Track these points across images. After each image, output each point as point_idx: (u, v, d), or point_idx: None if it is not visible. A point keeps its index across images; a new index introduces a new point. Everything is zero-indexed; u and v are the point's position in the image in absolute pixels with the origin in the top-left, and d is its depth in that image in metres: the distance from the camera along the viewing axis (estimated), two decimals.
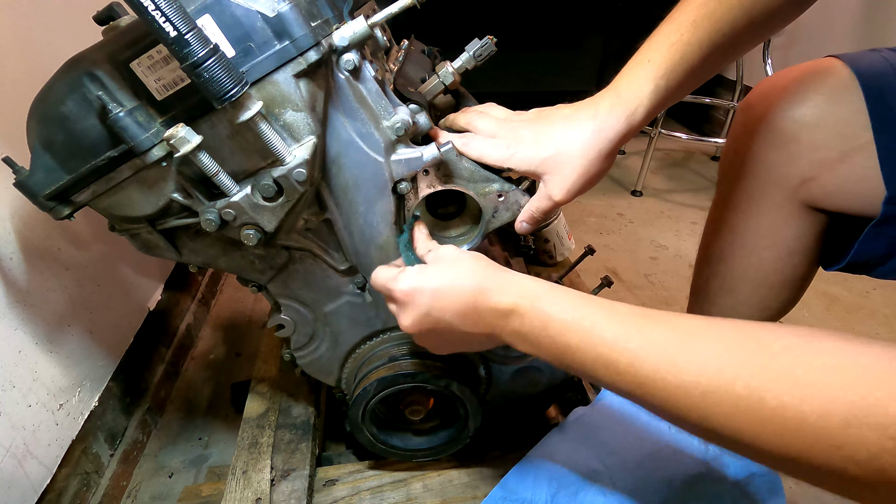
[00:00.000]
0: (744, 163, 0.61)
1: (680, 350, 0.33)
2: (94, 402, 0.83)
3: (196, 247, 0.56)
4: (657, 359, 0.33)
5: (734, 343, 0.31)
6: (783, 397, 0.28)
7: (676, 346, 0.33)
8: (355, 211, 0.55)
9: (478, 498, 0.67)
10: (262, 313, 1.27)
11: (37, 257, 0.74)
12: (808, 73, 0.57)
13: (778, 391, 0.28)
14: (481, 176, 0.55)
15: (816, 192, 0.57)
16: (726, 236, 0.66)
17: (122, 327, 0.94)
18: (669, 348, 0.33)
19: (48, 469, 0.72)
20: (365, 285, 0.60)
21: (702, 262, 0.71)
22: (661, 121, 1.74)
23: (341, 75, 0.48)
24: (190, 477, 0.89)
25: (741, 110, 0.62)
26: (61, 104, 0.44)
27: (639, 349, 0.34)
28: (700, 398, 0.31)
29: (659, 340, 0.34)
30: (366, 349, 0.65)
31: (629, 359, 0.34)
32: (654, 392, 0.33)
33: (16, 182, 0.48)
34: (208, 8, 0.41)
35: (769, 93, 0.59)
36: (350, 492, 0.68)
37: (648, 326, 0.35)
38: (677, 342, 0.33)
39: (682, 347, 0.33)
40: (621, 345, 0.35)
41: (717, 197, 0.68)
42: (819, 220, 0.59)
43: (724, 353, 0.31)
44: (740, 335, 0.32)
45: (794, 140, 0.56)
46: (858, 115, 0.53)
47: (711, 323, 0.34)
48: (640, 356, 0.34)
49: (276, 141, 0.45)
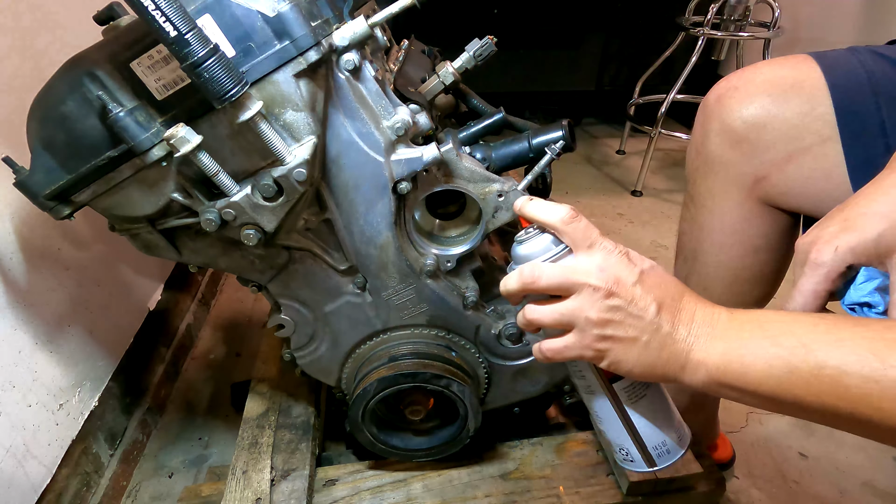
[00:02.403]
0: (705, 162, 0.62)
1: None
2: (94, 402, 0.83)
3: (196, 247, 0.56)
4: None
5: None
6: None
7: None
8: (355, 211, 0.54)
9: (478, 498, 0.67)
10: (262, 313, 1.27)
11: (37, 257, 0.74)
12: (760, 72, 0.57)
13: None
14: (481, 176, 0.55)
15: (771, 192, 0.58)
16: (697, 234, 0.67)
17: (122, 327, 0.94)
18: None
19: (48, 469, 0.72)
20: (365, 285, 0.60)
21: (679, 260, 0.73)
22: (661, 121, 1.74)
23: (341, 75, 0.48)
24: (190, 477, 0.89)
25: (700, 110, 0.63)
26: (61, 104, 0.44)
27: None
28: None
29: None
30: (366, 349, 0.65)
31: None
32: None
33: (16, 182, 0.48)
34: (208, 8, 0.41)
35: (723, 93, 0.59)
36: (350, 492, 0.68)
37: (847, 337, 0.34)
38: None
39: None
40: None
41: (686, 196, 0.69)
42: (782, 218, 0.60)
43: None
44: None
45: (745, 140, 0.57)
46: (804, 118, 0.54)
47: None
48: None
49: (276, 141, 0.45)
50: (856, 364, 0.33)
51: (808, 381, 0.34)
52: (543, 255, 0.45)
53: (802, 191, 0.56)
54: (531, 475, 0.69)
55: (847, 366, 0.33)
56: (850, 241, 0.40)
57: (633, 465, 0.51)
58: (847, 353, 0.33)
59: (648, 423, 0.49)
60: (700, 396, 0.79)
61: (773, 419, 1.00)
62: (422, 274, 0.59)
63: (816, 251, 0.41)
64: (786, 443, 0.95)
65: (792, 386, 0.35)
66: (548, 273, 0.42)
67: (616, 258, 0.42)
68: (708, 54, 1.84)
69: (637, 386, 0.48)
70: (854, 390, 0.33)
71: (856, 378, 0.33)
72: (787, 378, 0.35)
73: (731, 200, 0.61)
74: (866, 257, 0.40)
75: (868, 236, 0.39)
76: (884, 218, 0.39)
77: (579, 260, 0.43)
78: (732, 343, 0.39)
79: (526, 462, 0.70)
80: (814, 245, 0.42)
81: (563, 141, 0.58)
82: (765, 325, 0.38)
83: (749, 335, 0.38)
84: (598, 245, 0.42)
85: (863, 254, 0.40)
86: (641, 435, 0.49)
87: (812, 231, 0.43)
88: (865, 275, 0.41)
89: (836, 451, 0.94)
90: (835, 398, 0.34)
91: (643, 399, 0.49)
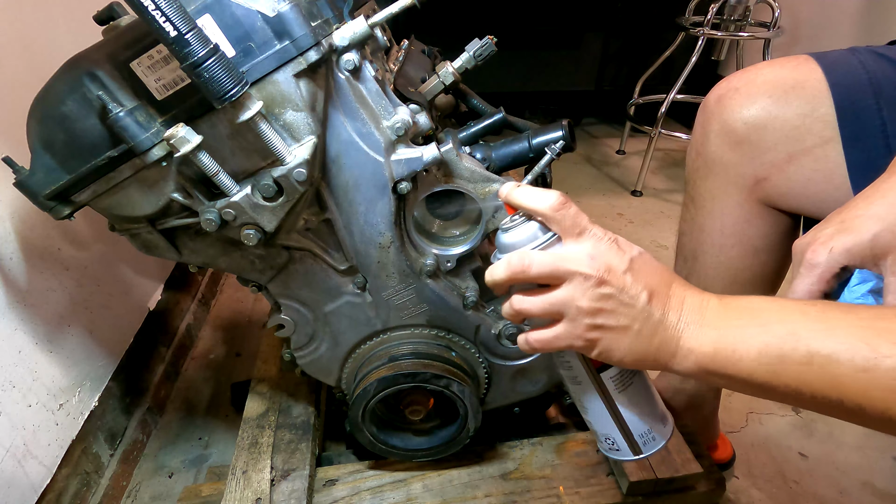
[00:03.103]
0: (705, 163, 0.62)
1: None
2: (94, 402, 0.83)
3: (196, 247, 0.56)
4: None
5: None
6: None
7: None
8: (355, 211, 0.54)
9: (478, 498, 0.67)
10: (262, 313, 1.27)
11: (37, 257, 0.74)
12: (761, 73, 0.57)
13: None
14: (481, 176, 0.55)
15: (771, 193, 0.58)
16: (697, 235, 0.67)
17: (122, 327, 0.94)
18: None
19: (48, 469, 0.72)
20: (365, 285, 0.60)
21: (679, 261, 0.73)
22: (661, 121, 1.74)
23: (341, 75, 0.48)
24: (190, 477, 0.89)
25: (700, 111, 0.63)
26: (61, 104, 0.44)
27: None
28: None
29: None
30: (366, 349, 0.65)
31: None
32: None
33: (16, 182, 0.48)
34: (208, 8, 0.41)
35: (724, 94, 0.59)
36: (350, 492, 0.68)
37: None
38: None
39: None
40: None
41: (686, 197, 0.69)
42: (782, 219, 0.60)
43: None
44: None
45: (746, 141, 0.57)
46: (805, 119, 0.53)
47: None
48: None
49: (277, 141, 0.45)
50: (847, 353, 0.33)
51: (798, 370, 0.34)
52: (531, 243, 0.43)
53: (803, 192, 0.56)
54: (531, 475, 0.69)
55: (838, 354, 0.33)
56: (845, 242, 0.40)
57: (619, 454, 0.50)
58: (838, 341, 0.33)
59: (634, 412, 0.49)
60: (699, 396, 0.79)
61: (773, 419, 1.00)
62: (422, 274, 0.59)
63: (812, 252, 0.41)
64: (786, 443, 0.95)
65: (783, 374, 0.35)
66: (538, 261, 0.41)
67: (606, 245, 0.41)
68: (708, 54, 1.84)
69: (625, 374, 0.48)
70: (845, 379, 0.33)
71: (847, 367, 0.33)
72: (778, 367, 0.35)
73: (732, 201, 0.61)
74: (861, 259, 0.40)
75: (863, 238, 0.39)
76: (879, 220, 0.39)
77: (569, 248, 0.41)
78: (723, 331, 0.38)
79: (526, 462, 0.70)
80: (810, 246, 0.42)
81: (563, 141, 0.58)
82: (756, 313, 0.38)
83: (739, 322, 0.38)
84: (588, 232, 0.41)
85: (857, 255, 0.40)
86: (628, 423, 0.49)
87: (810, 233, 0.43)
88: (859, 277, 0.41)
89: (836, 451, 0.94)
90: (826, 387, 0.34)
91: (630, 387, 0.48)
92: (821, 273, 0.41)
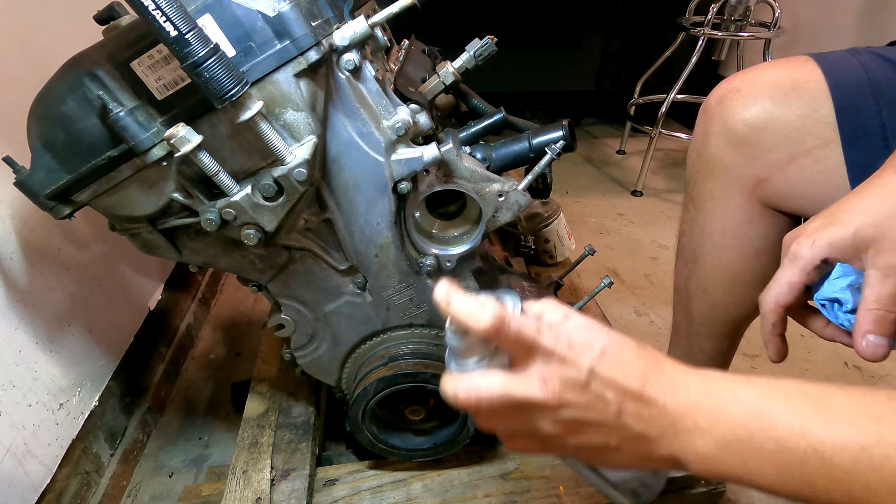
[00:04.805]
0: (706, 164, 0.62)
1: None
2: (94, 402, 0.83)
3: (196, 246, 0.56)
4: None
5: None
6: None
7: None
8: (356, 211, 0.54)
9: (478, 498, 0.67)
10: (262, 313, 1.27)
11: (37, 257, 0.74)
12: (762, 74, 0.57)
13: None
14: (481, 176, 0.55)
15: (772, 194, 0.58)
16: (697, 236, 0.67)
17: (122, 327, 0.94)
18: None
19: (48, 469, 0.72)
20: (365, 285, 0.60)
21: (679, 262, 0.73)
22: (661, 121, 1.74)
23: (342, 75, 0.48)
24: (190, 477, 0.89)
25: (701, 112, 0.63)
26: (62, 104, 0.44)
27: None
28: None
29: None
30: (366, 349, 0.65)
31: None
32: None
33: (16, 182, 0.48)
34: (209, 7, 0.41)
35: (725, 95, 0.59)
36: (350, 492, 0.68)
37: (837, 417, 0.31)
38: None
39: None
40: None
41: (686, 198, 0.69)
42: (782, 221, 0.60)
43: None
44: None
45: (747, 142, 0.57)
46: (805, 120, 0.53)
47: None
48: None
49: (277, 140, 0.45)
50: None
51: (813, 482, 0.31)
52: (474, 357, 0.37)
53: (803, 193, 0.56)
54: (531, 475, 0.69)
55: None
56: (828, 235, 0.40)
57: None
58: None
59: (625, 472, 0.46)
60: None
61: None
62: (422, 274, 0.59)
63: (797, 244, 0.41)
64: None
65: (794, 486, 0.32)
66: (486, 395, 0.35)
67: (557, 362, 0.34)
68: (708, 54, 1.84)
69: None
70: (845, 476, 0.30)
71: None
72: (790, 481, 0.32)
73: (732, 202, 0.61)
74: (843, 252, 0.40)
75: (846, 231, 0.39)
76: (864, 214, 0.39)
77: (518, 373, 0.36)
78: (716, 441, 0.34)
79: (526, 462, 0.70)
80: (796, 238, 0.42)
81: (563, 141, 0.58)
82: (758, 415, 0.33)
83: (735, 435, 0.33)
84: (536, 350, 0.35)
85: (839, 248, 0.39)
86: (619, 484, 0.46)
87: (800, 227, 0.43)
88: (840, 271, 0.41)
89: None
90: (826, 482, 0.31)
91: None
92: (803, 265, 0.41)
